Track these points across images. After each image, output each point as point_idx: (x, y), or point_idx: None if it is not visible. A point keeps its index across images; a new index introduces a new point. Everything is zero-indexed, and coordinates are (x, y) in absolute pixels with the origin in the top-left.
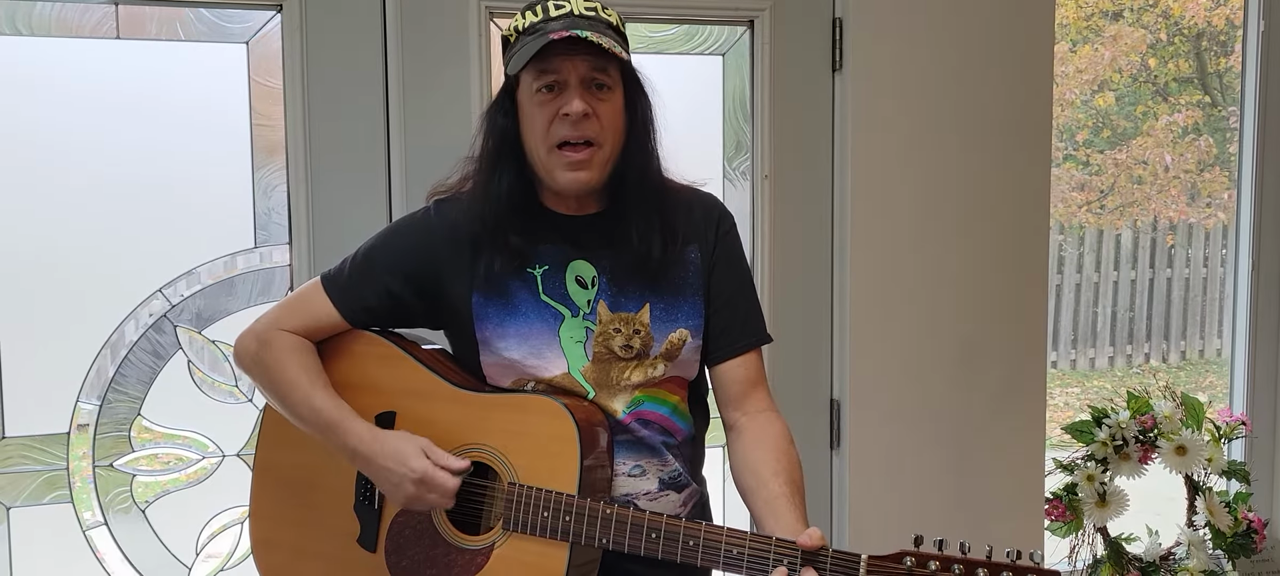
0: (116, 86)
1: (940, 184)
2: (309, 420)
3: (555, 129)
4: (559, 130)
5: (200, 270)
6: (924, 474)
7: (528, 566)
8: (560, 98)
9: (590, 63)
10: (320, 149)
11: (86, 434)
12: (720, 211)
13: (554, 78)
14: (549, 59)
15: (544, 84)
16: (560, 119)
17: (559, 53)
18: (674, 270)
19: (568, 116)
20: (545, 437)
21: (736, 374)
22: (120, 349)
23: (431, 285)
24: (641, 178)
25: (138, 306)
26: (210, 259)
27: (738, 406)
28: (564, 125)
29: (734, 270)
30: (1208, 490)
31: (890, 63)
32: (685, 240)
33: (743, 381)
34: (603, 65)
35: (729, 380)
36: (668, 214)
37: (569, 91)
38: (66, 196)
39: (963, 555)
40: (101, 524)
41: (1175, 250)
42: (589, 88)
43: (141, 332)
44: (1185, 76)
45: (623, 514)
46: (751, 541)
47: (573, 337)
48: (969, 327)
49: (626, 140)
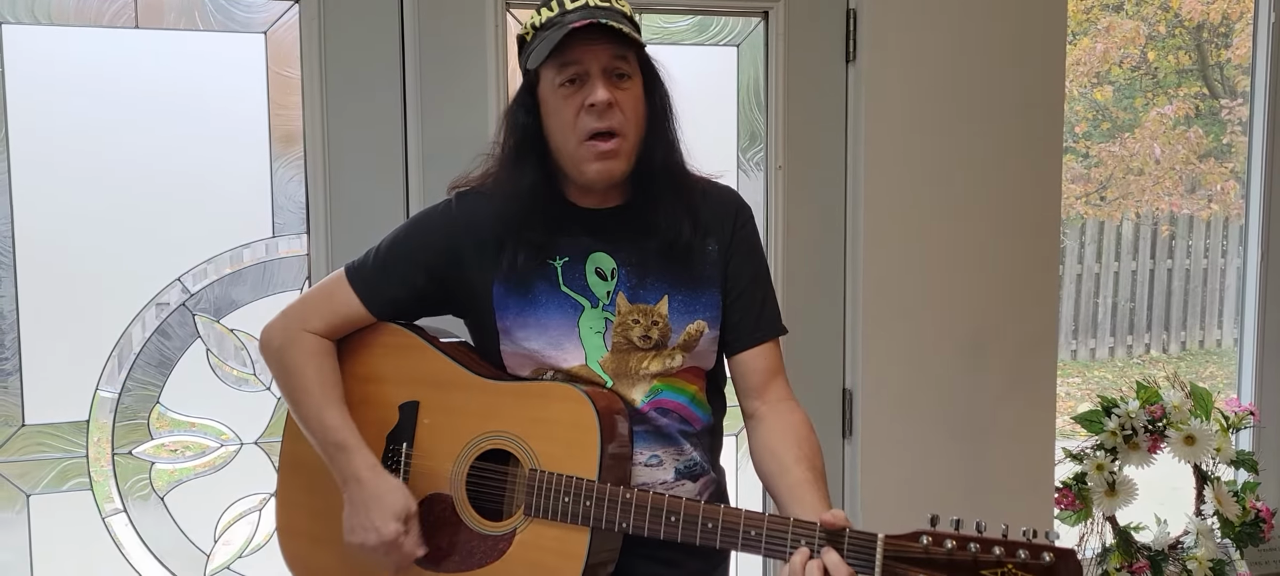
0: (135, 76)
1: (953, 174)
2: (316, 433)
3: (582, 121)
4: (586, 122)
5: (218, 259)
6: (935, 463)
7: (549, 551)
8: (584, 89)
9: (611, 51)
10: (338, 139)
11: (105, 422)
12: (738, 203)
13: (576, 69)
14: (570, 49)
15: (567, 78)
16: (586, 111)
17: (580, 42)
18: (694, 261)
19: (594, 107)
20: (566, 424)
21: (755, 364)
22: (139, 337)
23: (454, 276)
24: (665, 165)
25: (156, 295)
26: (228, 248)
27: (757, 396)
28: (591, 116)
29: (751, 261)
30: (1216, 479)
31: (904, 53)
32: (705, 231)
33: (762, 371)
34: (623, 53)
35: (748, 370)
36: (692, 201)
37: (592, 82)
38: (85, 186)
39: (978, 534)
40: (120, 511)
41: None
42: (610, 78)
43: (160, 321)
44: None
45: (642, 497)
46: (770, 523)
47: (592, 328)
48: (980, 317)
49: (648, 129)
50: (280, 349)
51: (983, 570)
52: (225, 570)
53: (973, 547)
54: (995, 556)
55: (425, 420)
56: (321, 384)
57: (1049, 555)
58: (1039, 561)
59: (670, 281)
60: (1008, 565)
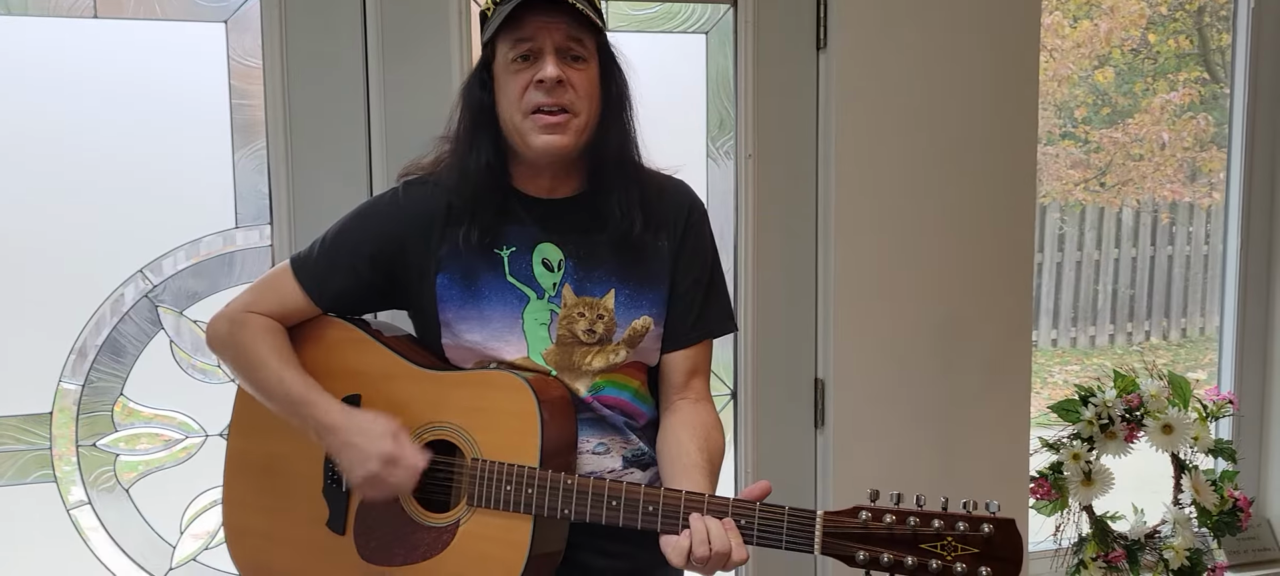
0: (95, 67)
1: (926, 162)
2: (279, 398)
3: (529, 96)
4: (533, 97)
5: (181, 251)
6: (908, 453)
7: (494, 541)
8: (535, 66)
9: (565, 30)
10: (300, 128)
11: (69, 413)
12: (691, 200)
13: (529, 45)
14: (524, 24)
15: (519, 53)
16: (535, 86)
17: (535, 16)
18: (645, 256)
19: (542, 83)
20: (507, 413)
21: (679, 364)
22: (102, 329)
23: (398, 266)
24: (619, 155)
25: (119, 287)
26: (191, 239)
27: (676, 392)
28: (538, 92)
29: (697, 260)
30: (1194, 468)
31: (875, 41)
32: (656, 227)
33: (684, 371)
34: (578, 34)
35: (672, 368)
36: (646, 196)
37: (544, 58)
38: (46, 177)
39: (918, 508)
40: (86, 503)
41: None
42: (565, 58)
43: (123, 313)
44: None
45: (583, 483)
46: (710, 503)
47: (537, 320)
48: (953, 307)
49: (602, 114)
50: (229, 333)
51: (923, 543)
52: (191, 561)
53: (912, 521)
54: (935, 529)
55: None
56: (277, 351)
57: (988, 526)
58: (978, 532)
59: (618, 276)
60: (948, 537)
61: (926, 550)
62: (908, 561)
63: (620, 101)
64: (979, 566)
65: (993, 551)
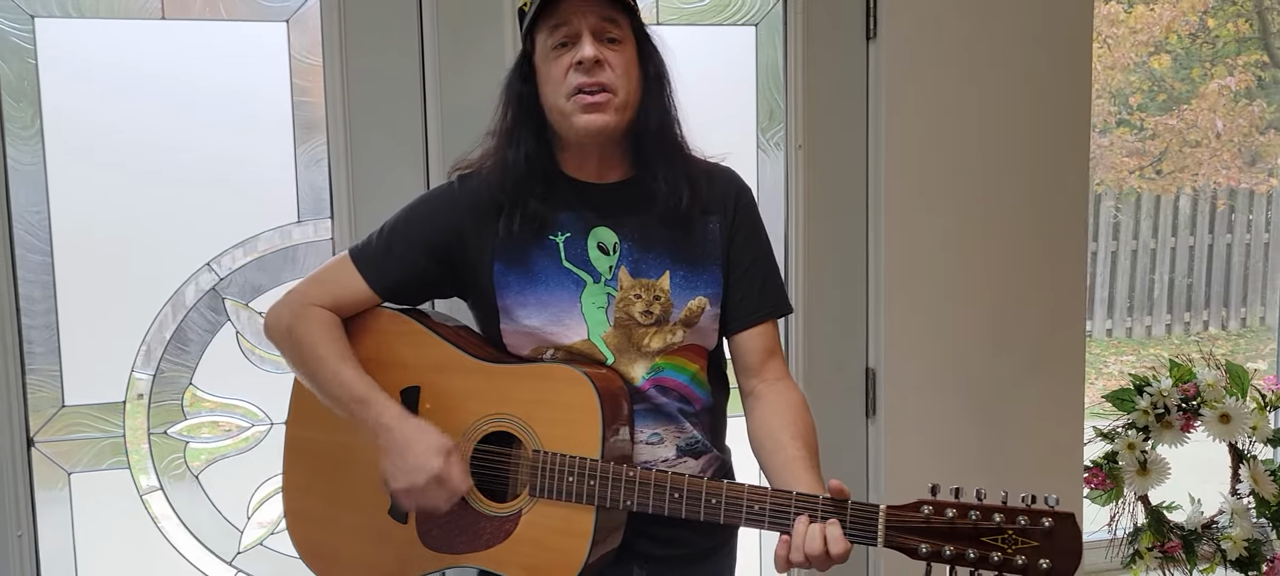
0: (162, 66)
1: (976, 152)
2: (336, 394)
3: (570, 78)
4: (574, 79)
5: (246, 244)
6: (960, 442)
7: (555, 530)
8: (573, 49)
9: (599, 12)
10: (359, 124)
11: (141, 402)
12: (739, 184)
13: (566, 31)
14: (559, 10)
15: (558, 39)
16: (574, 68)
17: (569, 2)
18: (695, 234)
19: (582, 64)
20: (567, 405)
21: (753, 343)
22: (171, 321)
23: (456, 256)
24: (661, 133)
25: (187, 280)
26: (255, 233)
27: (755, 375)
28: (578, 73)
29: (753, 241)
30: (1252, 458)
31: (925, 30)
32: (706, 208)
33: (759, 351)
34: (612, 16)
35: (746, 349)
36: (692, 173)
37: (581, 41)
38: (117, 174)
39: (978, 502)
40: (157, 488)
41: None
42: (601, 39)
43: (191, 305)
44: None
45: (646, 475)
46: (773, 497)
47: (594, 304)
48: (1005, 296)
49: (642, 94)
50: (289, 326)
51: (984, 537)
52: (258, 546)
53: (973, 515)
54: (996, 523)
55: (426, 404)
56: (334, 345)
57: (1048, 520)
58: (1038, 526)
59: (672, 256)
60: (1008, 531)
61: (987, 543)
62: (969, 554)
63: (659, 80)
64: (1038, 559)
65: (1052, 545)
